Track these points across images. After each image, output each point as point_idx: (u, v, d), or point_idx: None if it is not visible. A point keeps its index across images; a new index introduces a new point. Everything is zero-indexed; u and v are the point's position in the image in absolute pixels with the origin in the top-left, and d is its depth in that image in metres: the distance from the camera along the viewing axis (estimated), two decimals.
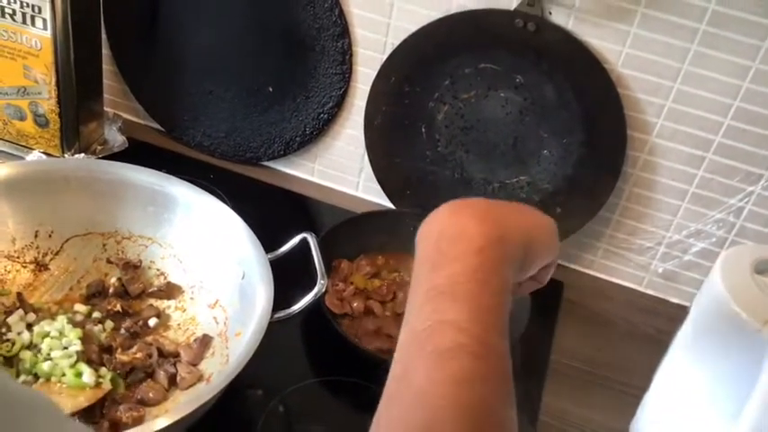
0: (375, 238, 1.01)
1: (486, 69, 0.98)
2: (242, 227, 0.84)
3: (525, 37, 0.94)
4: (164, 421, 0.64)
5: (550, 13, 0.93)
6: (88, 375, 0.76)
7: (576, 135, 0.98)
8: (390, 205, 1.11)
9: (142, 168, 0.89)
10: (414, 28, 0.99)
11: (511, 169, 1.03)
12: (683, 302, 1.07)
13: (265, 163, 1.16)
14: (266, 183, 1.15)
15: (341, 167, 1.14)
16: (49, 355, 0.77)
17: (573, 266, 1.10)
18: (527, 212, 0.60)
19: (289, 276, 0.80)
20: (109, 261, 0.90)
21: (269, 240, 0.84)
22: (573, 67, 0.95)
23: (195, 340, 0.83)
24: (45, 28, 0.96)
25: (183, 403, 0.70)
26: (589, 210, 1.02)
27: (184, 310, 0.88)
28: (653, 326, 1.03)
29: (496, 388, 0.45)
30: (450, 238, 0.52)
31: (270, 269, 0.80)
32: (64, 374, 0.77)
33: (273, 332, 0.75)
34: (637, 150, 0.98)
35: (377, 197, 1.13)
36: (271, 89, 1.09)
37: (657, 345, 0.98)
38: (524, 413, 0.86)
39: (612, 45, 0.92)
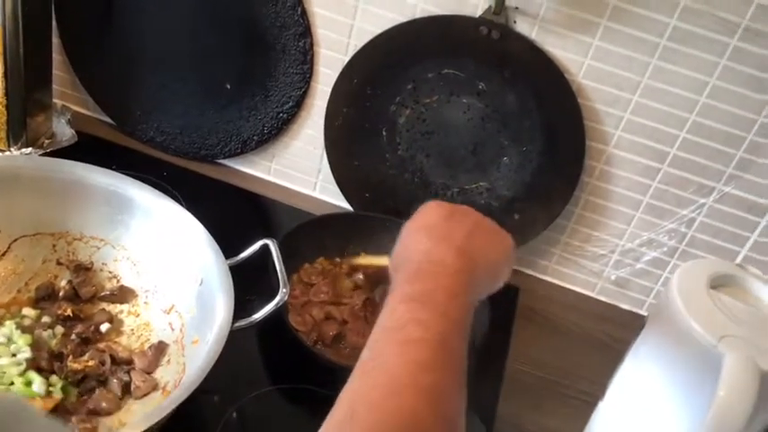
0: (334, 240, 1.00)
1: (449, 75, 0.98)
2: (201, 232, 0.82)
3: (489, 44, 0.94)
4: None
5: (515, 22, 0.93)
6: (38, 385, 0.74)
7: (536, 143, 0.99)
8: (348, 206, 1.10)
9: (97, 168, 0.86)
10: (377, 31, 0.98)
11: (471, 175, 1.04)
12: (634, 309, 1.10)
13: (221, 161, 1.14)
14: (222, 181, 1.13)
15: (299, 167, 1.12)
16: None
17: (528, 272, 1.11)
18: (497, 243, 0.67)
19: (246, 280, 0.79)
20: (59, 262, 0.87)
21: (226, 243, 0.82)
22: (535, 77, 0.95)
23: (150, 347, 0.81)
24: None
25: (141, 417, 0.69)
26: (546, 217, 1.03)
27: (138, 315, 0.85)
28: (605, 332, 1.05)
29: (451, 377, 0.52)
30: (429, 262, 0.59)
31: (230, 276, 0.78)
32: (12, 383, 0.74)
33: (230, 338, 0.73)
34: (594, 160, 0.99)
35: (334, 198, 1.12)
36: (229, 86, 1.07)
37: (610, 351, 1.01)
38: (480, 420, 0.87)
39: (575, 56, 0.93)
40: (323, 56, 1.02)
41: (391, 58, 0.99)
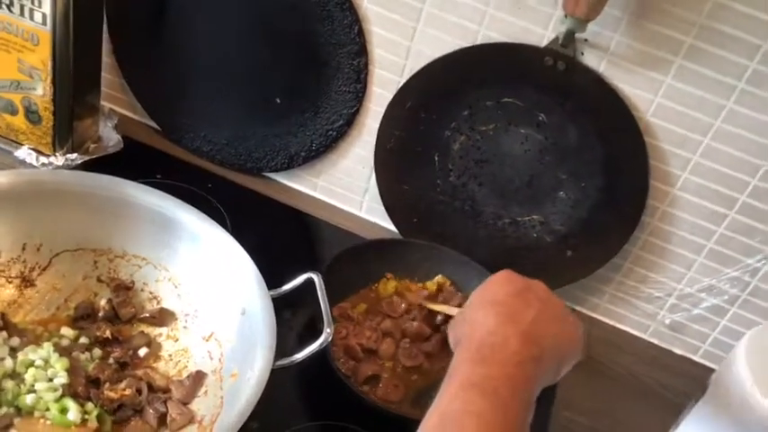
0: (378, 266, 0.98)
1: (509, 104, 0.94)
2: (247, 262, 0.79)
3: (553, 76, 0.90)
4: None
5: (582, 54, 0.88)
6: (74, 413, 0.72)
7: (596, 180, 0.95)
8: (393, 228, 1.07)
9: (145, 187, 0.84)
10: (436, 54, 0.94)
11: (524, 207, 1.00)
12: (688, 355, 1.05)
13: (266, 174, 1.11)
14: (266, 195, 1.10)
15: (345, 186, 1.09)
16: (32, 386, 0.73)
17: (577, 308, 1.07)
18: (567, 330, 0.64)
19: (286, 306, 0.76)
20: (99, 280, 0.85)
21: (268, 264, 0.80)
22: (600, 111, 0.91)
23: (188, 376, 0.79)
24: (44, 23, 0.89)
25: None
26: (602, 256, 0.98)
27: (176, 340, 0.83)
28: (656, 379, 1.00)
29: None
30: (492, 345, 0.57)
31: (273, 313, 0.75)
32: (48, 409, 0.72)
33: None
34: (657, 201, 0.95)
35: (380, 219, 1.09)
36: (279, 100, 1.04)
37: (660, 401, 0.97)
38: None
39: (644, 93, 0.89)
40: (377, 76, 0.98)
41: (448, 83, 0.95)
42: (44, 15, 0.89)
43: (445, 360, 0.89)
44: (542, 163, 0.96)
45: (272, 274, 0.80)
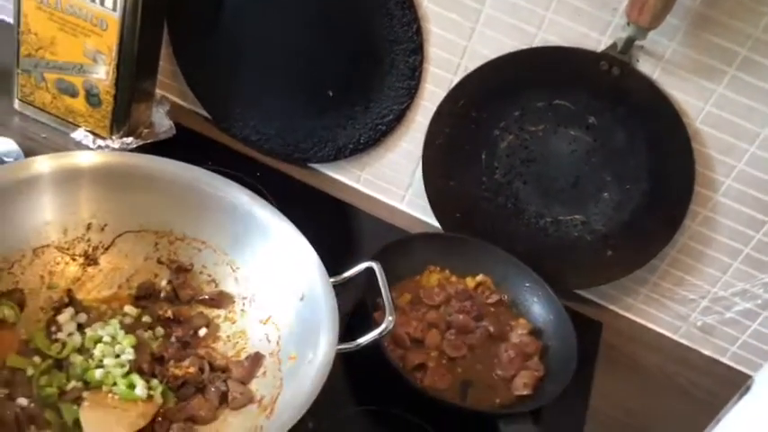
0: (424, 258, 1.00)
1: (560, 106, 0.96)
2: (309, 251, 0.81)
3: (607, 80, 0.92)
4: None
5: (638, 61, 0.91)
6: (141, 388, 0.74)
7: (641, 183, 0.97)
8: (433, 222, 1.10)
9: (206, 172, 0.86)
10: (492, 55, 0.96)
11: (567, 207, 1.02)
12: (716, 356, 1.08)
13: (312, 165, 1.14)
14: (311, 186, 1.12)
15: (389, 179, 1.12)
16: (101, 361, 0.75)
17: (611, 307, 1.09)
18: None
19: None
20: (160, 261, 0.87)
21: (318, 252, 0.81)
22: (650, 116, 0.93)
23: (247, 357, 0.81)
24: (114, 9, 0.91)
25: None
26: (641, 257, 1.01)
27: (234, 322, 0.85)
28: (687, 378, 1.03)
29: None
30: None
31: (335, 299, 0.78)
32: (115, 384, 0.74)
33: None
34: (699, 206, 0.97)
35: (421, 213, 1.12)
36: (331, 93, 1.06)
37: (691, 399, 1.00)
38: None
39: (695, 101, 0.91)
40: (431, 73, 1.01)
41: (502, 84, 0.97)
42: (114, 1, 0.91)
43: (488, 353, 0.93)
44: (588, 164, 0.98)
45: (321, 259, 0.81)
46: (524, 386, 0.89)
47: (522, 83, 0.96)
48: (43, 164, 0.80)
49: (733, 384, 0.83)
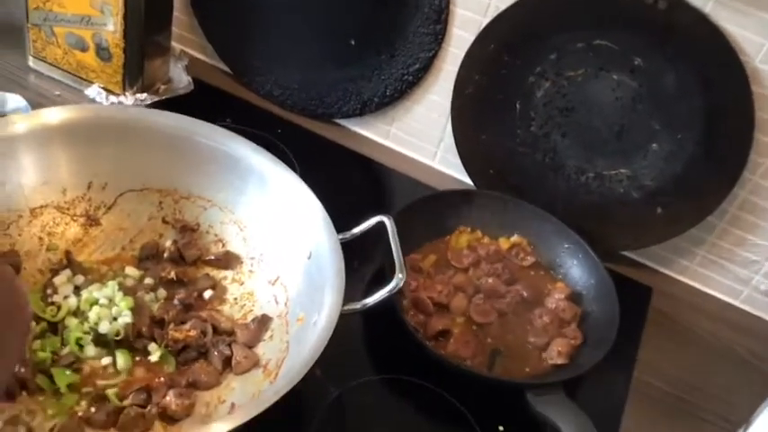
0: (453, 218, 0.93)
1: (601, 47, 0.87)
2: (316, 205, 0.76)
3: (653, 15, 0.82)
4: (223, 427, 0.57)
5: None
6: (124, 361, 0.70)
7: (694, 131, 0.87)
8: (468, 181, 1.02)
9: (212, 126, 0.81)
10: None
11: (611, 160, 0.93)
12: None
13: (337, 120, 1.07)
14: (336, 142, 1.06)
15: (419, 135, 1.04)
16: (96, 324, 0.71)
17: (664, 271, 1.00)
18: None
19: (352, 252, 0.73)
20: (164, 221, 0.83)
21: (336, 210, 0.76)
22: (703, 56, 0.83)
23: (253, 320, 0.76)
24: None
25: (245, 399, 0.66)
26: (695, 215, 0.92)
27: (242, 284, 0.81)
28: (747, 347, 0.94)
29: None
30: None
31: (342, 256, 0.72)
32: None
33: None
34: (761, 156, 0.87)
35: (454, 171, 1.04)
36: (353, 42, 0.99)
37: (752, 370, 0.91)
38: None
39: (754, 36, 0.81)
40: (459, 16, 0.93)
41: (536, 24, 0.89)
42: None
43: (520, 319, 0.85)
44: (635, 112, 0.89)
45: (340, 221, 0.76)
46: (559, 354, 0.81)
47: (557, 22, 0.88)
48: (20, 125, 0.76)
49: None
